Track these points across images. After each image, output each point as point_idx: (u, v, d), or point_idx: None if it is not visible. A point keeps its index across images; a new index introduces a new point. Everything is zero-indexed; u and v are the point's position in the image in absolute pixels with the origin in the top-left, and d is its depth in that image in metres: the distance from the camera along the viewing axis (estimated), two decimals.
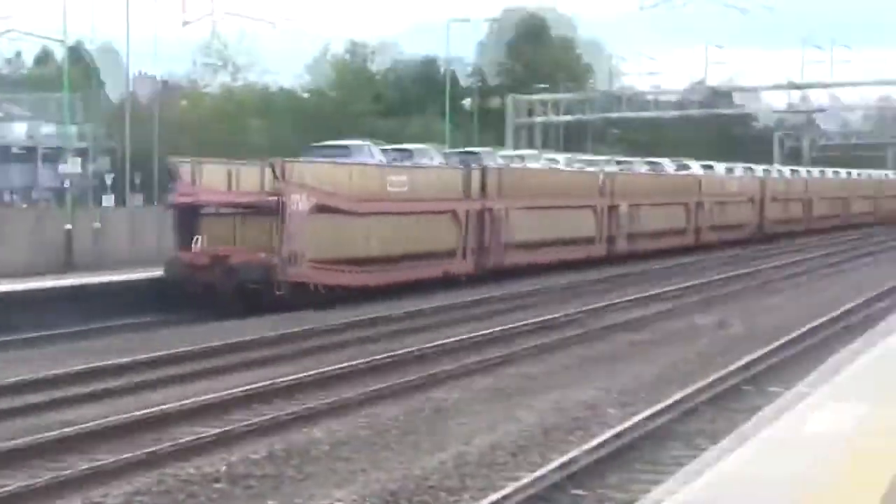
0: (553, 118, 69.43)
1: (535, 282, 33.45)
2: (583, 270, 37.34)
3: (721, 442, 9.19)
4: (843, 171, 74.25)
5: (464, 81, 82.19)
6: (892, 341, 14.71)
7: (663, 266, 40.22)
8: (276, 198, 27.14)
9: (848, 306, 25.78)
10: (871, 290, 29.48)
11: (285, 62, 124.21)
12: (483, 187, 35.03)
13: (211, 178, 28.73)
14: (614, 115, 70.20)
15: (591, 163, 45.67)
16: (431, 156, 35.61)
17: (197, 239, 27.68)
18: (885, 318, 18.40)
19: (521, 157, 41.80)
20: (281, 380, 16.87)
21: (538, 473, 11.08)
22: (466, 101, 70.89)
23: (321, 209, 28.22)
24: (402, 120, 72.32)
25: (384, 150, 34.09)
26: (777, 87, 68.33)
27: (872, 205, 75.78)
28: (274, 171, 27.24)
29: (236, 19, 59.53)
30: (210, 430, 13.56)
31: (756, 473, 7.96)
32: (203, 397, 15.55)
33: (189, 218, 28.30)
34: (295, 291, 27.20)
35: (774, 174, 62.69)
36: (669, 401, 14.65)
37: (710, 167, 54.51)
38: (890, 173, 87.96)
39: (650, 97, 74.58)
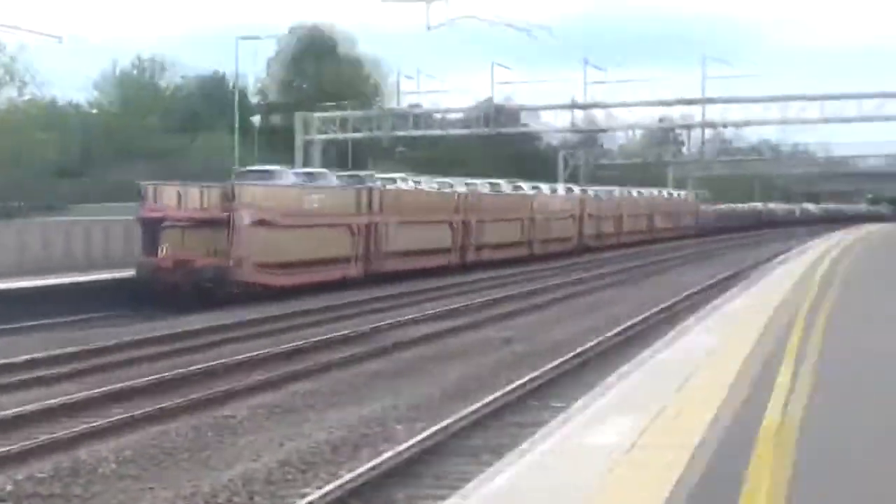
0: (341, 136, 69.53)
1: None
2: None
3: (505, 456, 9.36)
4: (644, 191, 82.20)
5: (253, 98, 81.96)
6: (665, 355, 15.16)
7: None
8: (227, 214, 33.57)
9: (639, 317, 26.74)
10: (656, 304, 30.34)
11: (74, 77, 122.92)
12: (369, 205, 41.42)
13: (167, 198, 34.60)
14: (401, 133, 70.71)
15: (443, 184, 50.54)
16: (329, 178, 41.65)
17: (162, 247, 33.79)
18: (664, 333, 18.83)
19: (394, 180, 46.74)
20: (67, 397, 16.65)
21: (326, 489, 11.12)
22: (255, 118, 70.50)
23: (259, 223, 34.54)
24: (190, 136, 71.59)
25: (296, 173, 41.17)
26: (559, 106, 69.87)
27: (672, 220, 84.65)
28: (228, 193, 33.97)
29: (18, 33, 57.97)
30: None
31: (533, 486, 8.11)
32: None
33: (153, 229, 34.19)
34: (244, 290, 33.11)
35: (590, 193, 68.76)
36: (455, 416, 14.77)
37: (537, 187, 60.38)
38: (675, 192, 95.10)
39: (437, 115, 75.38)
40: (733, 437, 9.48)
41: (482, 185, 54.23)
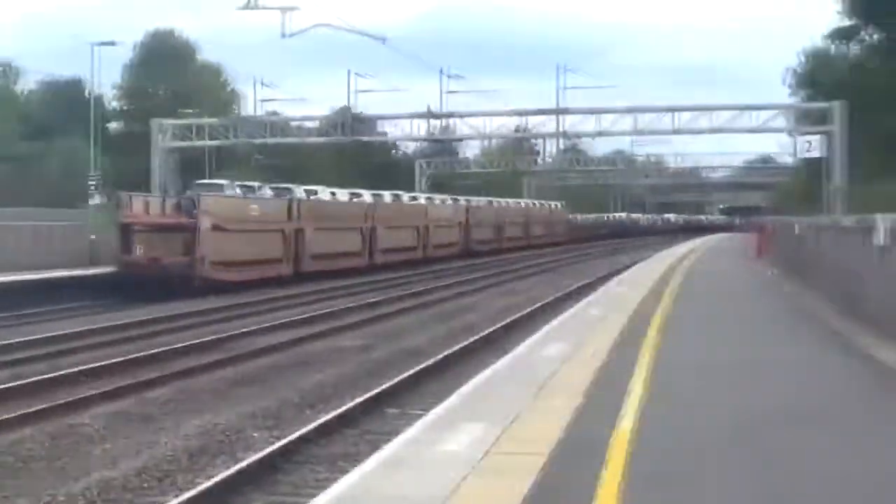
0: (198, 143, 68.75)
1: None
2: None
3: (362, 464, 9.38)
4: (521, 202, 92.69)
5: (109, 105, 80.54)
6: (520, 363, 15.28)
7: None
8: (192, 220, 39.73)
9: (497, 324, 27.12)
10: (518, 309, 31.09)
11: None
12: (298, 214, 47.19)
13: (136, 207, 40.98)
14: (258, 140, 70.13)
15: (355, 195, 57.41)
16: (265, 190, 48.87)
17: (136, 247, 39.70)
18: (522, 339, 18.89)
19: (315, 191, 52.73)
20: None
21: (183, 498, 11.08)
22: (112, 125, 69.37)
23: (215, 227, 40.30)
24: (46, 142, 70.25)
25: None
26: (415, 115, 69.70)
27: (545, 228, 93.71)
28: (192, 202, 40.55)
29: None
30: None
31: (383, 494, 8.17)
32: None
33: (128, 233, 39.95)
34: (202, 284, 38.54)
35: (474, 203, 76.75)
36: (314, 424, 14.80)
37: (415, 197, 68.91)
38: (549, 203, 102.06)
39: (294, 123, 74.84)
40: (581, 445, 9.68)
41: (387, 195, 62.02)
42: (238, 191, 47.25)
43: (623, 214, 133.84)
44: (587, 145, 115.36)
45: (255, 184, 50.35)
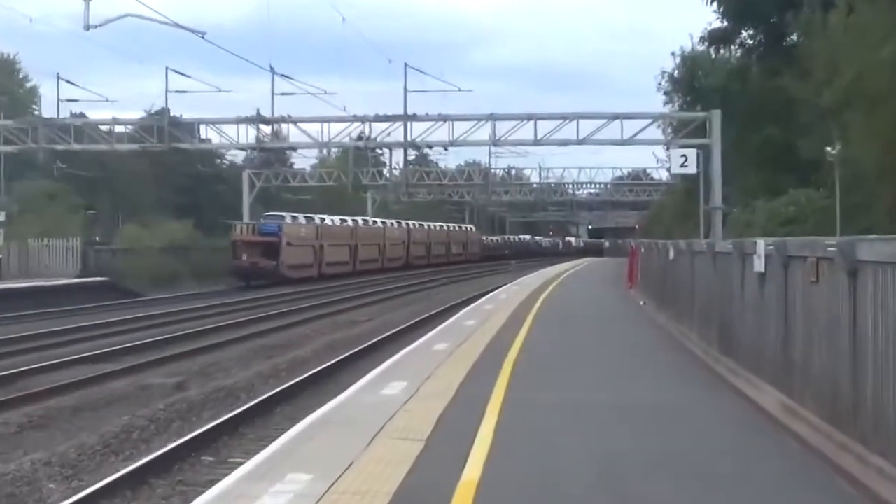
0: None
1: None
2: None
3: None
4: (446, 225, 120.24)
5: None
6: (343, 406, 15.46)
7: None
8: (277, 238, 71.94)
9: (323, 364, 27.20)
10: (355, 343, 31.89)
11: None
12: (320, 234, 79.49)
13: (238, 229, 73.40)
14: (61, 147, 68.77)
15: (343, 219, 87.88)
16: (301, 218, 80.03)
17: (242, 255, 71.24)
18: (352, 382, 18.91)
19: (312, 218, 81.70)
20: None
21: None
22: None
23: (289, 244, 72.99)
24: None
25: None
26: (242, 120, 68.96)
27: (463, 248, 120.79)
28: (278, 227, 73.39)
29: None
30: None
31: None
32: None
33: (236, 246, 72.26)
34: (282, 279, 69.04)
35: (413, 226, 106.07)
36: (118, 474, 14.71)
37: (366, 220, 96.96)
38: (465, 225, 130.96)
39: (105, 127, 72.91)
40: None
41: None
42: (291, 219, 77.72)
43: (528, 237, 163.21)
44: (439, 156, 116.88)
45: (296, 214, 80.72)
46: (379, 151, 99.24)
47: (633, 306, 37.12)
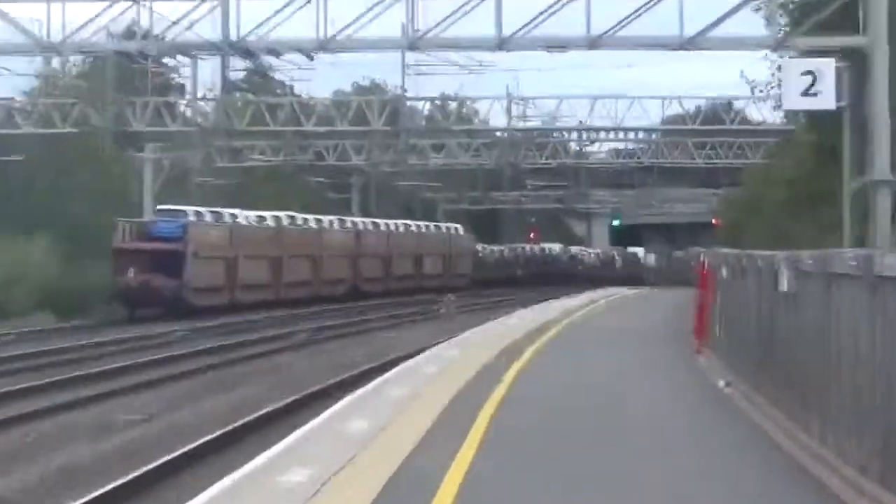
0: None
1: None
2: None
3: None
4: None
5: None
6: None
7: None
8: None
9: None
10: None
11: None
12: (230, 238, 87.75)
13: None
14: None
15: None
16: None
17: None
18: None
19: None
20: None
21: None
22: None
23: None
24: None
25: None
26: None
27: (459, 263, 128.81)
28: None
29: None
30: None
31: None
32: None
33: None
34: None
35: (363, 226, 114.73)
36: None
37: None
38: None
39: None
40: None
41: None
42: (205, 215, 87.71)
43: (556, 246, 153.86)
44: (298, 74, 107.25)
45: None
46: (170, 62, 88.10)
47: (706, 393, 32.87)
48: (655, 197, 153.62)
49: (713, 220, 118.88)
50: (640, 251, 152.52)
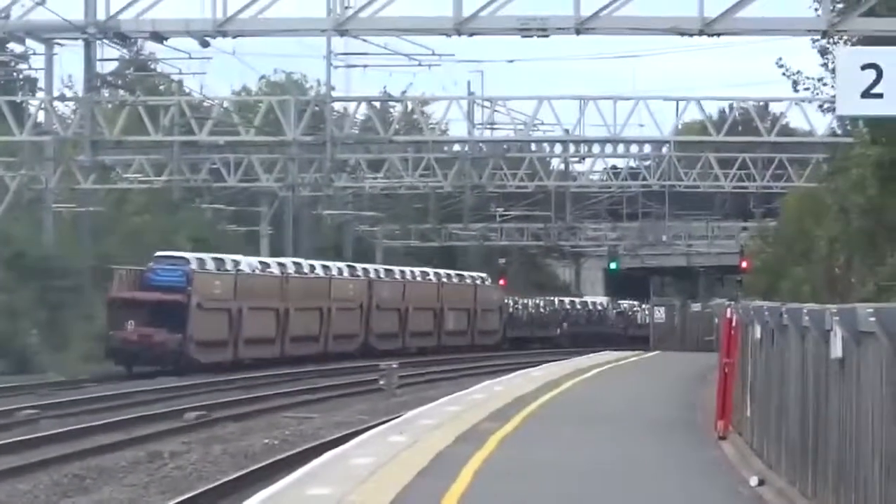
0: None
1: None
2: None
3: None
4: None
5: None
6: None
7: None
8: None
9: None
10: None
11: None
12: (234, 288, 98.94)
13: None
14: None
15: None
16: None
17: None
18: None
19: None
20: None
21: None
22: None
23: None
24: None
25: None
26: None
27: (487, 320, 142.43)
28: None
29: None
30: None
31: None
32: None
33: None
34: None
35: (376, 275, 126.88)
36: None
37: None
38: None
39: None
40: None
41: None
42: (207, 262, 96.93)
43: (602, 300, 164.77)
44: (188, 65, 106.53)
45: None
46: (17, 48, 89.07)
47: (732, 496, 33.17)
48: (666, 232, 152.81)
49: (742, 263, 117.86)
50: (647, 306, 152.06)
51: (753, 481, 33.79)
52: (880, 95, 38.97)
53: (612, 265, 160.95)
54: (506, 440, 42.77)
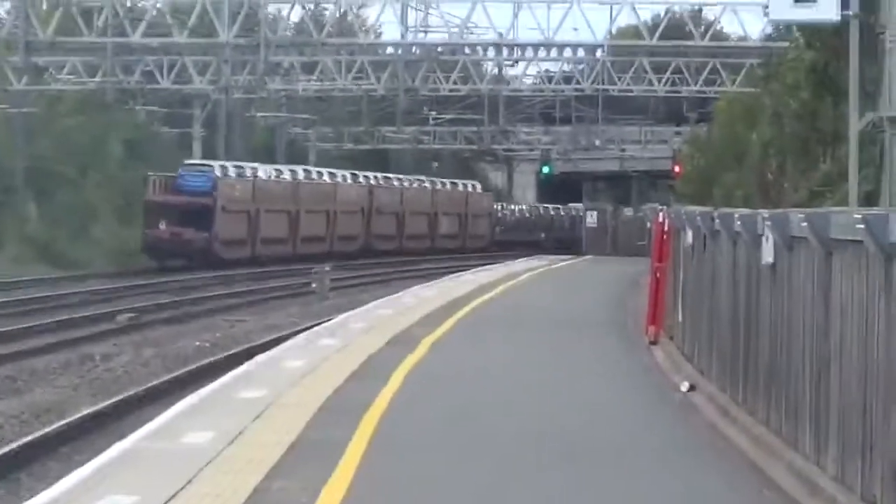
0: None
1: None
2: None
3: None
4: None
5: None
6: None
7: None
8: None
9: None
10: None
11: None
12: (252, 193, 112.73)
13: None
14: None
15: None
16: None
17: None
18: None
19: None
20: None
21: None
22: None
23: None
24: None
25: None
26: None
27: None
28: None
29: None
30: None
31: None
32: None
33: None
34: None
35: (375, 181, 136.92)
36: None
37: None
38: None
39: None
40: None
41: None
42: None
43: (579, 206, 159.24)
44: None
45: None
46: None
47: (663, 400, 33.42)
48: (599, 136, 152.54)
49: (675, 168, 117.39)
50: (582, 209, 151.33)
51: (684, 387, 33.88)
52: (813, 0, 38.94)
53: (545, 169, 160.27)
54: (436, 344, 42.86)
